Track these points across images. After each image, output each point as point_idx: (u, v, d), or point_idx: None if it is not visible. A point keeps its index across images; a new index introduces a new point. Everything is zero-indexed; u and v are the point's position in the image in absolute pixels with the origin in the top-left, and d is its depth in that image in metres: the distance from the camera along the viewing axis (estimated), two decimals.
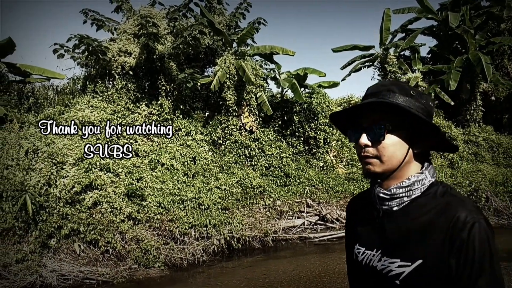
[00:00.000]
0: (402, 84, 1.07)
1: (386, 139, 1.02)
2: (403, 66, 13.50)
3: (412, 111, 1.00)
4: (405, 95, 1.03)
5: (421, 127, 1.03)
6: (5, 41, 8.64)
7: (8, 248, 6.41)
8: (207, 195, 8.66)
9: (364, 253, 1.11)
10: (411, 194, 1.03)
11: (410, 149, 1.04)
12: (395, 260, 1.01)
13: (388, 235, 1.05)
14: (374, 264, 1.06)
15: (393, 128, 1.03)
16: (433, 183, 1.05)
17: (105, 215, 6.97)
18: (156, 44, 9.99)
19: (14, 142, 7.23)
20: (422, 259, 0.97)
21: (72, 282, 6.32)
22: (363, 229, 1.14)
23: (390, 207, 1.05)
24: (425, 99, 1.06)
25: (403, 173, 1.05)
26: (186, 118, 10.69)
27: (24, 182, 6.64)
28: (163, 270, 6.89)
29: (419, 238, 0.99)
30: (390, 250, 1.03)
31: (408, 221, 1.02)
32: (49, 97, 10.80)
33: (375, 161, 1.04)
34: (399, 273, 0.99)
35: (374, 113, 1.05)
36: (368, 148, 1.05)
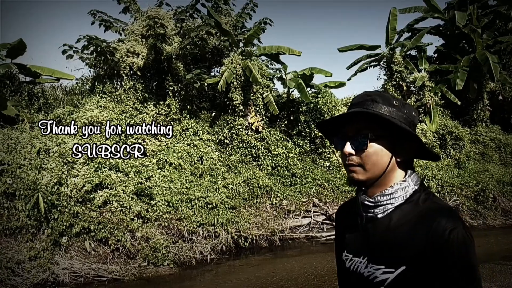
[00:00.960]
0: (386, 94, 1.10)
1: (369, 148, 1.05)
2: (409, 66, 13.49)
3: (393, 121, 1.04)
4: (388, 105, 1.07)
5: (403, 136, 1.06)
6: (16, 42, 8.78)
7: (21, 245, 6.54)
8: (215, 194, 8.75)
9: (351, 260, 1.13)
10: (394, 202, 1.06)
11: (393, 157, 1.07)
12: (380, 267, 1.04)
13: (373, 242, 1.07)
14: (361, 271, 1.08)
15: (376, 137, 1.06)
16: (416, 190, 1.07)
17: (115, 214, 7.08)
18: (164, 44, 10.10)
19: (26, 142, 7.37)
20: (405, 266, 0.99)
21: (83, 279, 6.44)
22: (350, 236, 1.17)
23: (375, 215, 1.08)
24: (407, 109, 1.09)
25: (387, 181, 1.08)
26: (193, 118, 10.79)
27: (36, 181, 6.77)
28: (172, 268, 6.99)
29: (402, 245, 1.01)
30: (375, 257, 1.06)
31: (392, 228, 1.04)
32: (58, 98, 10.97)
33: (358, 169, 1.07)
34: (384, 279, 1.01)
35: (358, 122, 1.08)
36: (352, 156, 1.07)
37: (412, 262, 0.98)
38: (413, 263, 0.98)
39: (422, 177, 10.66)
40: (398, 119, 1.06)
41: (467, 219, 10.33)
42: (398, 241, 1.02)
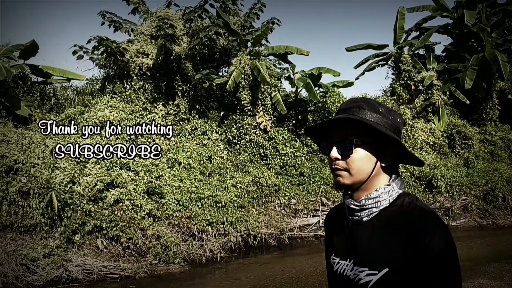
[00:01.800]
0: (372, 101, 1.13)
1: (354, 153, 1.08)
2: (418, 65, 13.44)
3: (378, 128, 1.06)
4: (374, 111, 1.10)
5: (387, 142, 1.09)
6: (29, 43, 8.93)
7: (36, 243, 6.67)
8: (224, 193, 8.83)
9: (338, 263, 1.15)
10: (379, 205, 1.08)
11: (377, 162, 1.10)
12: (364, 269, 1.06)
13: (359, 245, 1.09)
14: (347, 274, 1.10)
15: (361, 143, 1.08)
16: (401, 194, 1.10)
17: (126, 212, 7.19)
18: (173, 45, 10.20)
19: (39, 142, 7.50)
20: (388, 268, 1.01)
21: (96, 276, 6.56)
22: (337, 240, 1.19)
23: (361, 218, 1.10)
24: (392, 116, 1.12)
25: (372, 185, 1.10)
26: (202, 117, 10.88)
27: (50, 180, 6.90)
28: (182, 265, 7.08)
29: (386, 248, 1.03)
30: (360, 260, 1.08)
31: (376, 231, 1.07)
32: (69, 98, 11.12)
33: (344, 173, 1.10)
34: (368, 281, 1.04)
35: (345, 128, 1.11)
36: (338, 161, 1.10)
37: (394, 264, 1.00)
38: (396, 266, 1.00)
39: (430, 177, 10.64)
40: (383, 125, 1.09)
41: (476, 218, 10.31)
42: (381, 244, 1.04)
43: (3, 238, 6.55)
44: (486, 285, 5.93)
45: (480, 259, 7.52)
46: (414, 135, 12.38)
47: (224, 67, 12.88)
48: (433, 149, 12.52)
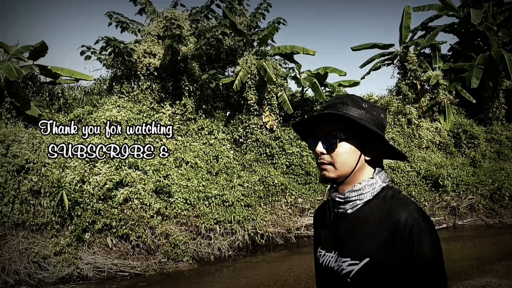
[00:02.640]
0: (356, 97, 1.16)
1: (339, 147, 1.11)
2: (423, 64, 13.43)
3: (360, 122, 1.09)
4: (357, 107, 1.13)
5: (370, 137, 1.12)
6: (38, 44, 9.04)
7: (47, 241, 6.77)
8: (231, 192, 8.89)
9: (324, 256, 1.18)
10: (363, 198, 1.11)
11: (361, 156, 1.13)
12: (346, 259, 1.08)
13: (342, 237, 1.12)
14: (332, 265, 1.13)
15: (345, 138, 1.11)
16: (384, 187, 1.12)
17: (135, 211, 7.28)
18: (180, 45, 10.28)
19: (50, 141, 7.60)
20: (369, 258, 1.03)
21: (106, 274, 6.65)
22: (323, 233, 1.22)
23: (345, 210, 1.13)
24: (376, 111, 1.15)
25: (356, 178, 1.13)
26: (208, 117, 10.95)
27: (60, 179, 7.00)
28: (191, 264, 7.16)
29: (368, 238, 1.06)
30: (343, 251, 1.11)
31: (359, 222, 1.09)
32: (77, 98, 11.24)
33: (329, 167, 1.13)
34: (350, 271, 1.06)
35: (330, 124, 1.14)
36: (324, 155, 1.13)
37: (375, 254, 1.03)
38: (377, 256, 1.02)
39: (436, 176, 10.64)
40: (366, 120, 1.12)
41: (483, 217, 10.30)
42: (364, 235, 1.07)
43: (15, 236, 6.66)
44: (494, 283, 5.95)
45: (487, 257, 7.53)
46: (420, 134, 12.38)
47: (230, 67, 12.94)
48: (439, 149, 12.51)
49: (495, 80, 13.22)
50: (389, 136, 12.01)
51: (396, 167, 10.83)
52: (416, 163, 11.20)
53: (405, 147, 12.01)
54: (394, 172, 10.72)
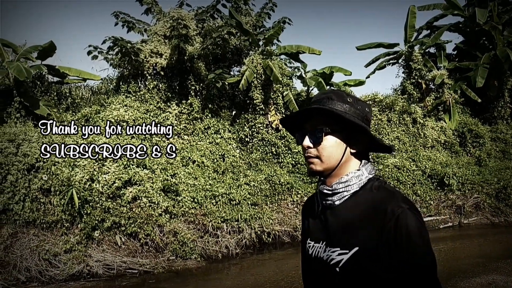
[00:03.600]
0: (341, 92, 1.20)
1: (324, 141, 1.14)
2: (428, 64, 13.45)
3: (345, 116, 1.12)
4: (342, 102, 1.16)
5: (355, 130, 1.15)
6: (47, 44, 9.13)
7: (57, 239, 6.87)
8: (237, 191, 8.96)
9: (313, 247, 1.21)
10: (350, 189, 1.14)
11: (347, 149, 1.16)
12: (335, 249, 1.10)
13: (331, 227, 1.15)
14: (321, 255, 1.15)
15: (331, 131, 1.15)
16: (370, 179, 1.15)
17: (144, 209, 7.36)
18: (187, 45, 10.35)
19: (59, 140, 7.69)
20: (358, 247, 1.06)
21: (116, 271, 6.74)
22: (312, 224, 1.25)
23: (333, 202, 1.16)
24: (360, 105, 1.18)
25: (343, 171, 1.16)
26: (215, 116, 11.02)
27: (70, 177, 7.09)
28: (199, 261, 7.24)
29: (356, 228, 1.08)
30: (332, 241, 1.13)
31: (347, 213, 1.12)
32: (85, 97, 11.34)
33: (316, 160, 1.16)
34: (339, 260, 1.08)
35: (316, 118, 1.17)
36: (311, 149, 1.16)
37: (364, 243, 1.05)
38: (366, 245, 1.05)
39: (441, 175, 10.66)
40: (351, 114, 1.15)
41: (488, 216, 10.33)
42: (352, 225, 1.10)
43: (27, 234, 6.76)
44: (500, 281, 5.99)
45: (493, 256, 7.56)
46: (425, 133, 12.40)
47: (236, 66, 13.01)
48: (444, 148, 12.53)
49: (500, 79, 13.21)
50: (394, 135, 12.04)
51: (402, 166, 10.86)
52: (422, 162, 11.22)
53: (410, 146, 12.03)
54: (400, 171, 10.75)
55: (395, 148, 10.89)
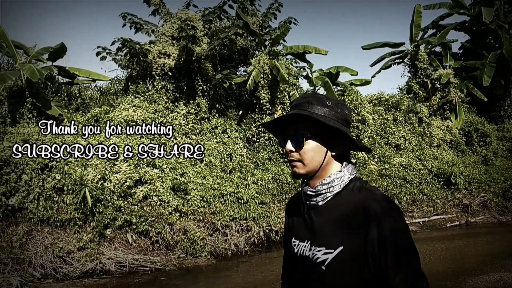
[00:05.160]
0: (320, 96, 1.22)
1: (306, 145, 1.18)
2: (434, 63, 13.48)
3: (324, 121, 1.15)
4: (322, 105, 1.19)
5: (334, 133, 1.18)
6: (58, 46, 9.27)
7: (70, 236, 7.01)
8: (245, 190, 9.06)
9: (298, 245, 1.24)
10: (332, 190, 1.17)
11: (328, 152, 1.19)
12: (321, 248, 1.14)
13: (315, 227, 1.18)
14: (306, 254, 1.19)
15: (312, 135, 1.18)
16: (352, 179, 1.19)
17: (154, 208, 7.48)
18: (194, 46, 10.46)
19: (72, 140, 7.83)
20: (342, 246, 1.09)
21: (127, 268, 6.86)
22: (297, 224, 1.28)
23: (316, 202, 1.19)
24: (340, 108, 1.21)
25: (325, 173, 1.20)
26: (222, 116, 11.13)
27: (82, 177, 7.23)
28: (209, 259, 7.35)
29: (340, 228, 1.12)
30: (317, 240, 1.16)
31: (331, 213, 1.16)
32: (94, 98, 11.50)
33: (299, 164, 1.20)
34: (324, 259, 1.12)
35: (297, 123, 1.21)
36: (293, 153, 1.20)
37: (348, 243, 1.09)
38: (350, 244, 1.08)
39: (448, 174, 10.69)
40: (331, 117, 1.18)
41: (496, 215, 10.36)
42: (336, 225, 1.13)
43: (41, 232, 6.90)
44: (507, 278, 6.05)
45: (500, 254, 7.62)
46: (431, 132, 12.44)
47: (242, 66, 13.11)
48: (451, 147, 12.56)
49: (507, 78, 13.23)
50: (400, 135, 12.09)
51: (408, 165, 10.91)
52: (428, 161, 11.27)
53: (416, 145, 12.08)
54: (406, 170, 10.80)
55: (372, 150, 10.86)
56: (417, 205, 10.32)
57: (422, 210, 10.24)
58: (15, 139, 7.44)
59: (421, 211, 10.23)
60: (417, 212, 10.22)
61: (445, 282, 6.07)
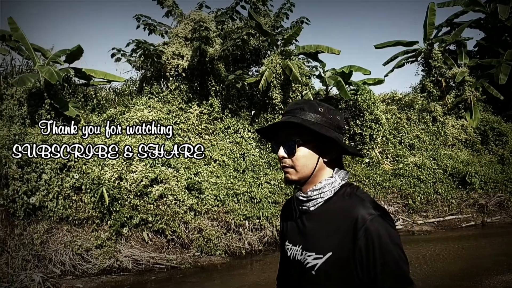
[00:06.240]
0: (312, 102, 1.23)
1: (298, 151, 1.19)
2: (449, 61, 13.32)
3: (314, 128, 1.16)
4: (314, 112, 1.20)
5: (325, 139, 1.19)
6: (75, 48, 9.48)
7: (88, 234, 7.17)
8: (258, 190, 9.13)
9: (291, 249, 1.26)
10: (323, 196, 1.18)
11: (320, 158, 1.20)
12: (311, 254, 1.16)
13: (307, 232, 1.20)
14: (298, 258, 1.21)
15: (303, 142, 1.19)
16: (343, 185, 1.20)
17: (170, 207, 7.60)
18: (207, 47, 10.57)
19: (89, 141, 8.01)
20: (331, 252, 1.11)
21: (144, 266, 7.00)
22: (290, 228, 1.30)
23: (308, 208, 1.21)
24: (332, 114, 1.22)
25: (317, 179, 1.21)
26: (234, 116, 11.21)
27: (100, 176, 7.39)
28: (223, 257, 7.44)
29: (330, 234, 1.13)
30: (308, 245, 1.18)
31: (322, 219, 1.17)
32: (109, 99, 11.70)
33: (291, 170, 1.21)
34: (314, 264, 1.14)
35: (289, 129, 1.22)
36: (285, 159, 1.21)
37: (337, 249, 1.10)
38: (338, 251, 1.10)
39: (463, 174, 10.58)
40: (323, 124, 1.18)
41: None
42: (326, 231, 1.14)
43: (60, 229, 7.09)
44: None
45: None
46: (445, 132, 12.31)
47: (254, 66, 13.18)
48: (466, 146, 12.41)
49: None
50: (413, 134, 11.99)
51: (422, 165, 10.83)
52: (442, 161, 11.16)
53: (430, 144, 11.97)
54: (420, 170, 10.72)
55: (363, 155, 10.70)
56: (431, 205, 10.23)
57: (436, 210, 10.15)
58: (35, 140, 7.65)
59: (436, 211, 10.14)
60: (431, 212, 10.14)
61: (461, 282, 6.04)
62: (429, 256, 7.61)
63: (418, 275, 6.46)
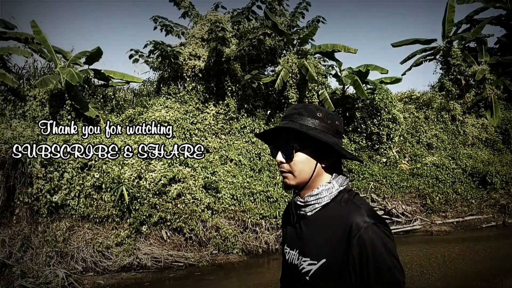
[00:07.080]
0: (311, 107, 1.21)
1: (295, 157, 1.18)
2: (468, 59, 13.06)
3: (310, 134, 1.15)
4: (312, 117, 1.18)
5: (323, 145, 1.18)
6: (94, 50, 9.70)
7: (108, 232, 7.34)
8: (274, 189, 9.16)
9: (289, 253, 1.27)
10: (321, 201, 1.17)
11: (317, 164, 1.19)
12: (306, 259, 1.16)
13: (304, 237, 1.20)
14: (295, 262, 1.21)
15: (301, 147, 1.18)
16: (341, 191, 1.18)
17: (188, 205, 7.71)
18: (224, 47, 10.65)
19: (109, 141, 8.18)
20: (325, 259, 1.11)
21: (163, 264, 7.12)
22: (288, 232, 1.30)
23: (305, 213, 1.20)
24: (330, 119, 1.20)
25: (315, 184, 1.19)
26: (250, 116, 11.27)
27: (120, 175, 7.55)
28: (240, 256, 7.50)
29: (325, 240, 1.13)
30: (304, 250, 1.18)
31: (318, 225, 1.17)
32: (127, 99, 11.92)
33: (289, 175, 1.20)
34: (309, 270, 1.14)
35: (287, 134, 1.21)
36: (283, 164, 1.20)
37: (331, 256, 1.10)
38: (332, 257, 1.09)
39: (483, 173, 10.36)
40: (321, 129, 1.17)
41: None
42: (321, 237, 1.14)
43: (82, 227, 7.27)
44: None
45: None
46: (465, 131, 12.09)
47: (270, 66, 13.21)
48: (486, 145, 12.15)
49: None
50: (432, 133, 11.81)
51: (441, 164, 10.67)
52: (462, 160, 10.97)
53: (449, 144, 11.77)
54: (439, 169, 10.56)
55: (363, 161, 10.43)
56: (450, 205, 10.07)
57: (455, 210, 9.99)
58: (57, 140, 7.86)
59: (455, 211, 9.97)
60: (450, 212, 9.98)
61: (481, 282, 5.94)
62: (448, 256, 7.50)
63: (437, 275, 6.39)
